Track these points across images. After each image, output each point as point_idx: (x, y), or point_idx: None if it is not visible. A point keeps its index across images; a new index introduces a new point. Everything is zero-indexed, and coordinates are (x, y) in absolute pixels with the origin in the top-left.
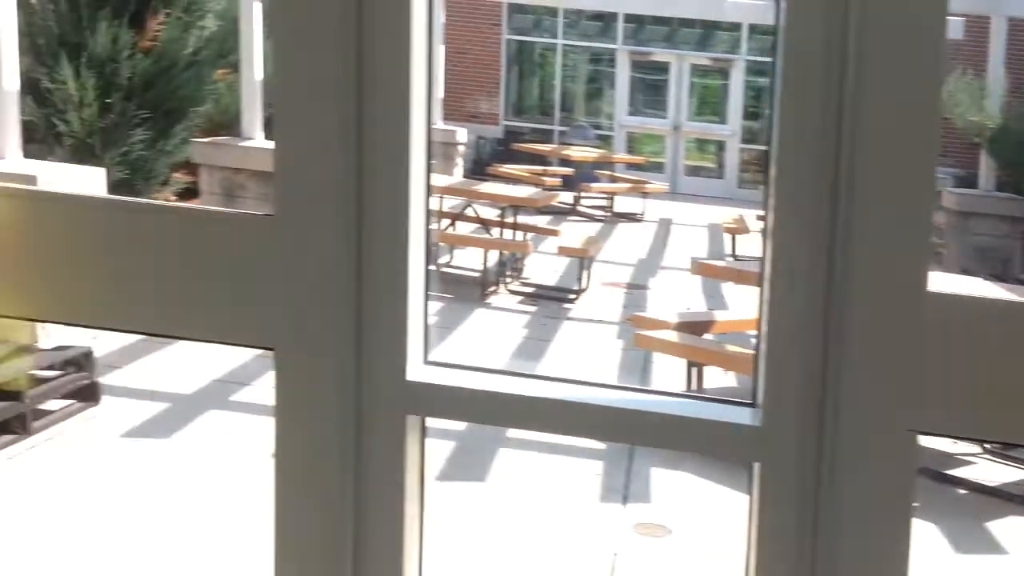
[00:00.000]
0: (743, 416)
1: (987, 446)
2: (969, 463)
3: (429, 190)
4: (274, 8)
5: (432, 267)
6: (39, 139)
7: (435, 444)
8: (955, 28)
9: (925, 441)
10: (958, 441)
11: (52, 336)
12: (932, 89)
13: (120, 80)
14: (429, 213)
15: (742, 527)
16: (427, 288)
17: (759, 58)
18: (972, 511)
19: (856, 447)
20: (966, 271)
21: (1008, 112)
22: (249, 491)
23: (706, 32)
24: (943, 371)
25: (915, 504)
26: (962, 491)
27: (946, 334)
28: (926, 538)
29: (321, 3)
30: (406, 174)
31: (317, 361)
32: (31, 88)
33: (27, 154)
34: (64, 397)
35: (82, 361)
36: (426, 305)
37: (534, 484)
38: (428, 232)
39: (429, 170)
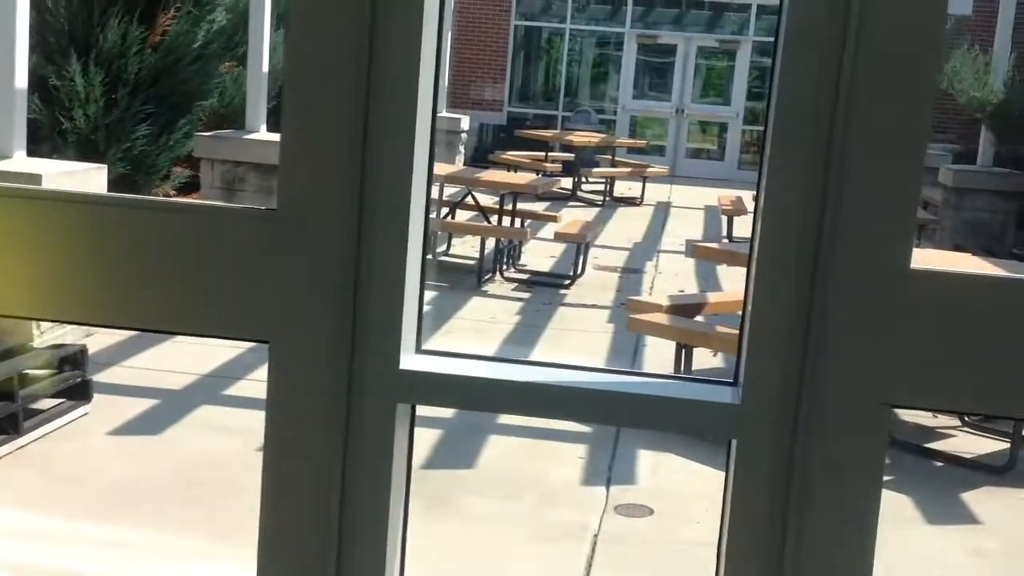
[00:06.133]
0: (723, 395)
1: (966, 418)
2: (948, 436)
3: (431, 181)
4: (291, 2)
5: (430, 256)
6: (43, 136)
7: (424, 432)
8: (964, 3)
9: (905, 414)
10: (938, 415)
11: (46, 334)
12: (928, 72)
13: (127, 76)
14: (430, 204)
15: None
16: (423, 278)
17: (766, 39)
18: (948, 483)
19: (830, 422)
20: (959, 247)
21: (1012, 87)
22: (240, 482)
23: (715, 14)
24: (923, 346)
25: (892, 477)
26: (939, 463)
27: (927, 310)
28: (901, 509)
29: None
30: (409, 167)
31: (311, 353)
32: (37, 86)
33: (32, 152)
34: (56, 396)
35: (76, 359)
36: (422, 295)
37: (519, 469)
38: (427, 223)
39: (432, 162)
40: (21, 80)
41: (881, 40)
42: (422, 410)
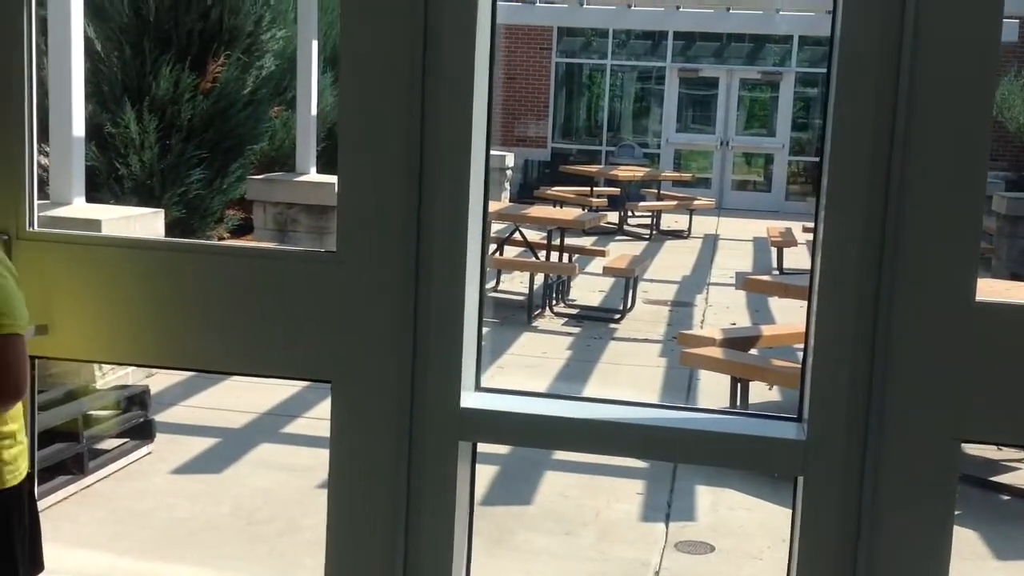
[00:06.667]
0: (788, 431)
1: None
2: (1014, 469)
3: (487, 220)
4: (344, 51)
5: None
6: (101, 183)
7: (480, 468)
8: (1010, 31)
9: (969, 448)
10: (1003, 447)
11: (108, 375)
12: (984, 103)
13: (180, 122)
14: (486, 241)
15: (786, 542)
16: (481, 316)
17: (809, 69)
18: (1015, 517)
19: (900, 458)
20: (1016, 275)
21: None
22: (299, 520)
23: (756, 46)
24: (989, 379)
25: (957, 511)
26: (1006, 497)
27: (993, 342)
28: (968, 545)
29: (389, 45)
30: (464, 207)
31: (373, 391)
32: (94, 134)
33: (90, 199)
34: (120, 436)
35: (141, 399)
36: (480, 334)
37: (578, 504)
38: (484, 261)
39: (487, 200)
40: (78, 129)
41: (935, 67)
42: (478, 445)
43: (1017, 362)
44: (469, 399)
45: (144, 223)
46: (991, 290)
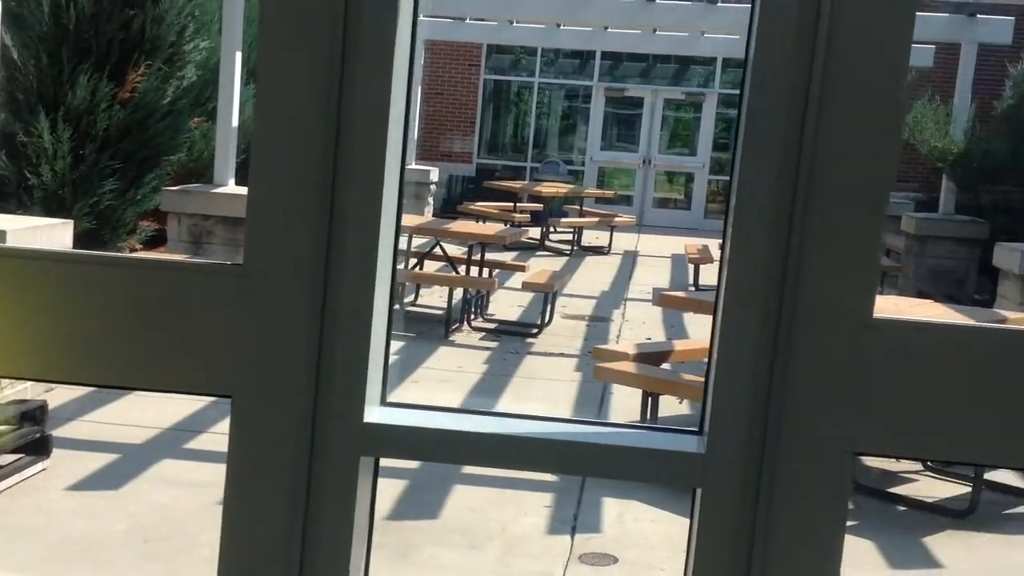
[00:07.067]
0: (689, 444)
1: (928, 463)
2: (911, 480)
3: (399, 234)
4: (261, 53)
5: (397, 306)
6: (9, 193)
7: (389, 483)
8: (924, 56)
9: (868, 460)
10: (901, 459)
11: (5, 389)
12: (892, 124)
13: (96, 131)
14: (397, 256)
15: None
16: (389, 331)
17: (731, 91)
18: (910, 527)
19: (795, 470)
20: (922, 293)
21: (972, 137)
22: (197, 536)
23: (681, 67)
24: (885, 393)
25: (855, 522)
26: (902, 508)
27: (889, 357)
28: (864, 554)
29: (307, 49)
30: (376, 220)
31: (274, 406)
32: (6, 143)
33: None
34: (14, 451)
35: (36, 415)
36: (387, 348)
37: (485, 518)
38: (395, 276)
39: (400, 214)
40: None
41: (844, 93)
42: (388, 460)
43: (912, 377)
44: (373, 414)
45: (51, 234)
46: (897, 307)
